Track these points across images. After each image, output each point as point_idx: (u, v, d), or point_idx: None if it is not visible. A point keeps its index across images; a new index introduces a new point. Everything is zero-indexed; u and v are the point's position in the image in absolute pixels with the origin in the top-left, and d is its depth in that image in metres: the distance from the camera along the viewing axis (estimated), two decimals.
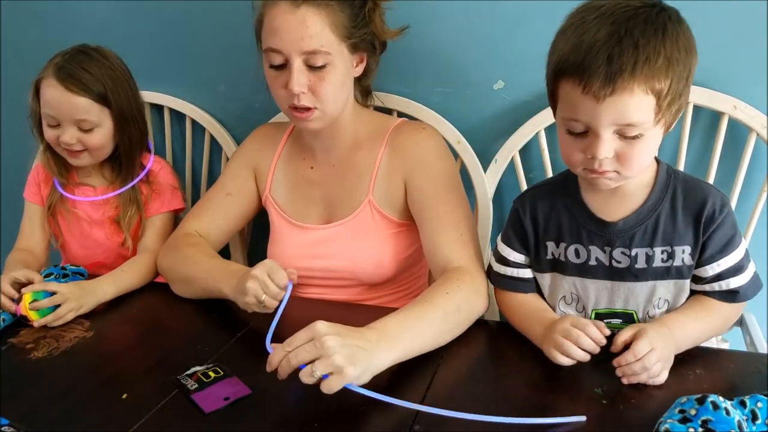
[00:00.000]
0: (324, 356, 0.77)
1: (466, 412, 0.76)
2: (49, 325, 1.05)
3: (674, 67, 0.80)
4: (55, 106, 1.21)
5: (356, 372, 0.78)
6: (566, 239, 0.96)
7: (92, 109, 1.22)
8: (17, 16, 1.62)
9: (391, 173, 1.16)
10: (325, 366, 0.76)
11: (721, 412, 0.68)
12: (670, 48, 0.79)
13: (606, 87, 0.78)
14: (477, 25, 1.29)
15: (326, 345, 0.77)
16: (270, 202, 1.25)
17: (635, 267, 0.93)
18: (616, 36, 0.79)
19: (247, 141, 1.30)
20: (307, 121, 1.09)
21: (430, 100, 1.35)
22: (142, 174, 1.32)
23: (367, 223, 1.17)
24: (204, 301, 1.13)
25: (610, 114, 0.80)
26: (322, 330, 0.79)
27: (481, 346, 0.97)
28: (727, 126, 1.21)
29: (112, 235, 1.33)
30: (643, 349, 0.82)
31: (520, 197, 1.01)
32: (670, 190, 0.92)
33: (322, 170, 1.21)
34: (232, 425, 0.79)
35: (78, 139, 1.23)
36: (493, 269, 1.04)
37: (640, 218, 0.92)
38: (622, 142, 0.83)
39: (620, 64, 0.78)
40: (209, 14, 1.46)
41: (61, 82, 1.19)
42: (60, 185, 1.33)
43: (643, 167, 0.88)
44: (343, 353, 0.77)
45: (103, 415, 0.82)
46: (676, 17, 0.83)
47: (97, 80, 1.22)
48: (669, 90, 0.80)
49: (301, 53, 1.03)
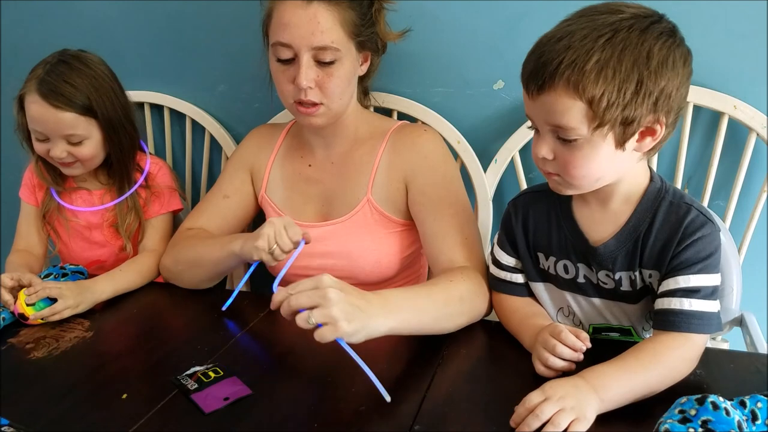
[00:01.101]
0: (323, 306, 0.78)
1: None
2: (45, 320, 1.05)
3: (609, 75, 0.74)
4: (40, 122, 1.18)
5: (350, 328, 0.79)
6: (555, 254, 0.94)
7: (78, 122, 1.18)
8: (17, 16, 1.62)
9: (390, 173, 1.16)
10: (322, 315, 0.78)
11: (721, 412, 0.68)
12: (609, 55, 0.74)
13: (531, 85, 0.79)
14: (477, 25, 1.29)
15: (327, 296, 0.79)
16: (266, 201, 1.25)
17: (620, 289, 0.91)
18: (562, 38, 0.77)
19: (243, 143, 1.30)
20: (311, 116, 1.09)
21: (430, 100, 1.35)
22: (140, 180, 1.31)
23: (366, 221, 1.17)
24: (204, 301, 1.13)
25: (541, 112, 0.80)
26: (326, 281, 0.81)
27: (481, 346, 0.97)
28: (727, 126, 1.21)
29: (112, 239, 1.33)
30: (533, 399, 0.75)
31: (515, 200, 1.00)
32: (654, 210, 0.86)
33: (321, 168, 1.21)
34: (232, 425, 0.79)
35: (68, 152, 1.20)
36: (489, 271, 1.04)
37: (621, 241, 0.87)
38: (560, 146, 0.81)
39: (545, 63, 0.77)
40: (209, 14, 1.46)
41: (44, 98, 1.16)
42: (56, 193, 1.31)
43: (586, 178, 0.82)
44: (342, 307, 0.79)
45: (103, 415, 0.82)
46: (656, 32, 0.77)
47: (80, 92, 1.18)
48: (603, 98, 0.75)
49: (310, 48, 1.04)
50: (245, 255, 1.04)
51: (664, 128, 0.79)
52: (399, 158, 1.16)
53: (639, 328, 0.95)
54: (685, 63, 0.79)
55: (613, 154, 0.80)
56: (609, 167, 0.82)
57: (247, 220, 1.30)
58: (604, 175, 0.83)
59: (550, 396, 0.74)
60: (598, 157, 0.80)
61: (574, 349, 0.83)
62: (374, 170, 1.17)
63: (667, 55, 0.77)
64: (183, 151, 1.59)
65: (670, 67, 0.77)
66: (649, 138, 0.80)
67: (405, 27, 1.21)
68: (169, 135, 1.59)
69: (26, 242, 1.35)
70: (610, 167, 0.82)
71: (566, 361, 0.84)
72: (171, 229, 1.33)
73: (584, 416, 0.74)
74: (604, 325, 0.97)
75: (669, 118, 0.79)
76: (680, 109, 0.81)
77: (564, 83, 0.76)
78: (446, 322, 0.95)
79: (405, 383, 0.86)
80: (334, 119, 1.13)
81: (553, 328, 0.85)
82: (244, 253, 1.04)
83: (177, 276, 1.18)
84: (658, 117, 0.78)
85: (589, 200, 0.90)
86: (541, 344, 0.85)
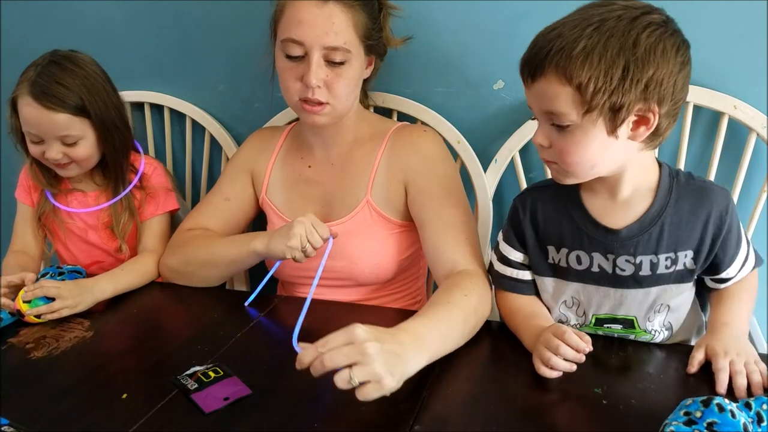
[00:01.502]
0: (363, 363, 0.74)
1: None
2: (42, 318, 1.05)
3: (594, 60, 0.77)
4: (34, 124, 1.18)
5: (394, 382, 0.75)
6: (567, 245, 0.95)
7: (72, 123, 1.18)
8: (17, 16, 1.62)
9: (390, 174, 1.16)
10: (365, 374, 0.74)
11: (727, 414, 0.68)
12: (596, 42, 0.77)
13: (525, 72, 0.83)
14: (477, 25, 1.29)
15: (366, 351, 0.74)
16: (267, 203, 1.25)
17: (639, 274, 0.92)
18: (555, 28, 0.81)
19: (244, 145, 1.30)
20: (316, 115, 1.09)
21: (430, 100, 1.35)
22: (135, 180, 1.30)
23: (365, 222, 1.17)
24: (204, 300, 1.13)
25: (536, 100, 0.84)
26: (361, 335, 0.75)
27: (481, 346, 0.97)
28: (727, 126, 1.20)
29: (108, 240, 1.33)
30: (723, 366, 0.83)
31: (521, 196, 1.01)
32: (674, 195, 0.90)
33: (321, 169, 1.21)
34: (232, 425, 0.79)
35: (63, 153, 1.20)
36: (494, 268, 1.04)
37: (644, 226, 0.90)
38: (555, 133, 0.84)
39: (537, 51, 0.81)
40: (209, 14, 1.46)
41: (37, 100, 1.15)
42: (51, 195, 1.31)
43: (581, 165, 0.85)
44: (382, 361, 0.74)
45: (103, 415, 0.82)
46: (645, 22, 0.79)
47: (73, 93, 1.17)
48: (590, 83, 0.77)
49: (322, 47, 1.04)
50: (273, 254, 1.06)
51: (657, 117, 0.81)
52: (398, 159, 1.16)
53: (643, 319, 0.96)
54: (678, 52, 0.80)
55: (606, 142, 0.82)
56: (603, 155, 0.84)
57: (247, 222, 1.30)
58: (599, 163, 0.85)
59: (729, 352, 0.85)
60: (591, 145, 0.82)
61: (576, 350, 0.83)
62: (374, 171, 1.17)
63: (655, 42, 0.78)
64: (183, 151, 1.59)
65: (659, 54, 0.78)
66: (643, 127, 0.82)
67: (406, 29, 1.21)
68: (169, 135, 1.59)
69: (22, 243, 1.34)
70: (603, 155, 0.84)
71: (568, 361, 0.84)
72: (169, 229, 1.33)
73: (754, 355, 0.85)
74: (608, 316, 0.97)
75: (663, 108, 0.80)
76: (678, 101, 0.82)
77: (553, 69, 0.79)
78: (467, 337, 0.95)
79: (405, 383, 0.86)
80: (337, 120, 1.13)
81: (556, 328, 0.86)
82: (272, 253, 1.06)
83: (187, 276, 1.19)
84: (650, 105, 0.80)
85: (597, 190, 0.92)
86: (543, 344, 0.85)
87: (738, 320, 0.92)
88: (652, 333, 0.97)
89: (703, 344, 0.88)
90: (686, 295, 0.96)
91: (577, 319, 0.99)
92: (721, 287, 0.96)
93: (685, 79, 0.83)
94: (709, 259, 0.92)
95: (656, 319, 0.96)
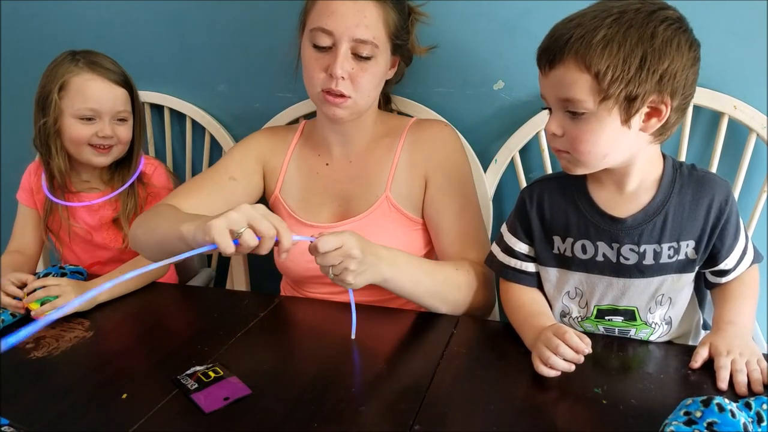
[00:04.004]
0: (344, 270, 0.92)
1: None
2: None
3: (614, 49, 0.79)
4: (98, 99, 1.22)
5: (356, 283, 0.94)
6: (573, 234, 0.96)
7: (127, 100, 1.26)
8: (17, 16, 1.62)
9: (411, 169, 1.16)
10: (340, 280, 0.93)
11: (727, 414, 0.68)
12: (615, 31, 0.79)
13: (543, 60, 0.85)
14: (477, 25, 1.29)
15: (348, 266, 0.91)
16: (280, 202, 1.22)
17: (642, 263, 0.93)
18: (574, 19, 0.83)
19: (257, 135, 1.25)
20: (337, 107, 1.09)
21: (430, 100, 1.35)
22: (136, 173, 1.31)
23: (384, 219, 1.16)
24: (204, 300, 1.13)
25: (552, 88, 0.85)
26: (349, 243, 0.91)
27: (481, 346, 0.97)
28: (727, 126, 1.21)
29: (113, 240, 1.33)
30: (725, 364, 0.84)
31: (530, 187, 1.01)
32: (677, 186, 0.92)
33: (338, 166, 1.20)
34: (232, 425, 0.79)
35: (114, 132, 1.24)
36: (497, 258, 1.04)
37: (648, 215, 0.92)
38: (569, 121, 0.85)
39: (557, 39, 0.83)
40: (210, 14, 1.46)
41: (101, 75, 1.22)
42: (55, 197, 1.31)
43: (593, 154, 0.85)
44: (356, 272, 0.93)
45: (103, 415, 0.82)
46: (662, 16, 0.81)
47: (123, 72, 1.26)
48: (608, 72, 0.79)
49: (352, 40, 1.05)
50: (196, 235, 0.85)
51: (669, 109, 0.83)
52: (420, 155, 1.16)
53: (644, 310, 0.97)
54: (690, 48, 0.83)
55: (620, 132, 0.83)
56: (615, 145, 0.85)
57: None
58: (611, 152, 0.86)
59: (732, 350, 0.86)
60: (605, 133, 0.83)
61: (576, 350, 0.83)
62: (394, 167, 1.16)
63: (672, 36, 0.81)
64: (183, 151, 1.59)
65: (675, 47, 0.81)
66: (655, 119, 0.84)
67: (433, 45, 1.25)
68: (169, 135, 1.59)
69: (19, 243, 1.35)
70: (616, 145, 0.85)
71: (567, 361, 0.84)
72: None
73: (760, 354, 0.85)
74: (610, 307, 0.98)
75: (674, 100, 0.83)
76: (687, 96, 0.85)
77: (572, 56, 0.81)
78: (437, 299, 1.01)
79: (405, 383, 0.86)
80: (356, 115, 1.13)
81: (557, 328, 0.86)
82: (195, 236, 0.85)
83: (134, 241, 1.08)
84: (663, 97, 0.82)
85: (604, 182, 0.93)
86: (543, 343, 0.86)
87: (742, 318, 0.92)
88: (652, 326, 0.98)
89: (708, 342, 0.89)
90: (686, 291, 0.97)
91: (579, 310, 1.00)
92: (722, 281, 0.97)
93: (695, 76, 0.85)
94: (708, 248, 0.93)
95: (657, 312, 0.96)
